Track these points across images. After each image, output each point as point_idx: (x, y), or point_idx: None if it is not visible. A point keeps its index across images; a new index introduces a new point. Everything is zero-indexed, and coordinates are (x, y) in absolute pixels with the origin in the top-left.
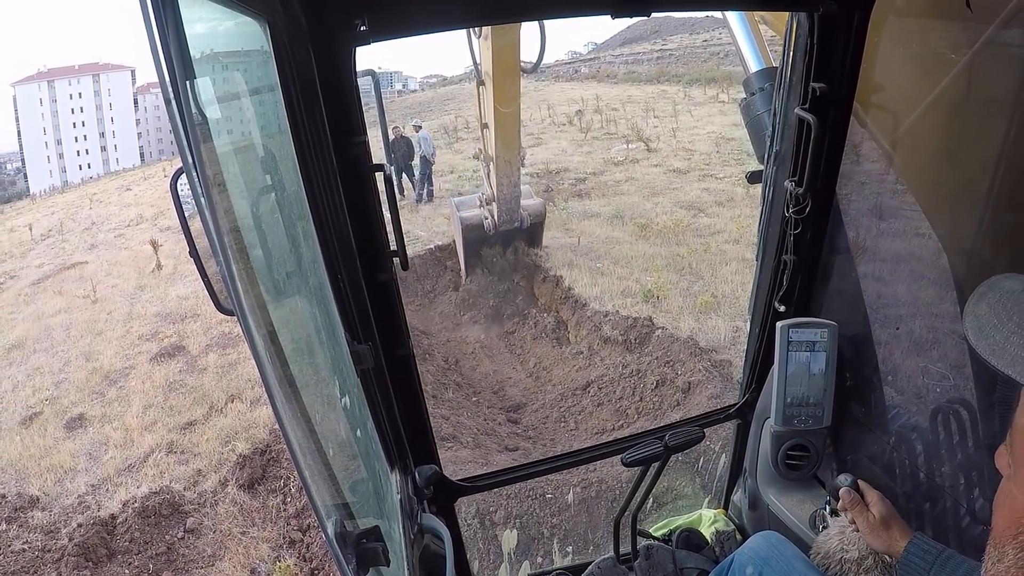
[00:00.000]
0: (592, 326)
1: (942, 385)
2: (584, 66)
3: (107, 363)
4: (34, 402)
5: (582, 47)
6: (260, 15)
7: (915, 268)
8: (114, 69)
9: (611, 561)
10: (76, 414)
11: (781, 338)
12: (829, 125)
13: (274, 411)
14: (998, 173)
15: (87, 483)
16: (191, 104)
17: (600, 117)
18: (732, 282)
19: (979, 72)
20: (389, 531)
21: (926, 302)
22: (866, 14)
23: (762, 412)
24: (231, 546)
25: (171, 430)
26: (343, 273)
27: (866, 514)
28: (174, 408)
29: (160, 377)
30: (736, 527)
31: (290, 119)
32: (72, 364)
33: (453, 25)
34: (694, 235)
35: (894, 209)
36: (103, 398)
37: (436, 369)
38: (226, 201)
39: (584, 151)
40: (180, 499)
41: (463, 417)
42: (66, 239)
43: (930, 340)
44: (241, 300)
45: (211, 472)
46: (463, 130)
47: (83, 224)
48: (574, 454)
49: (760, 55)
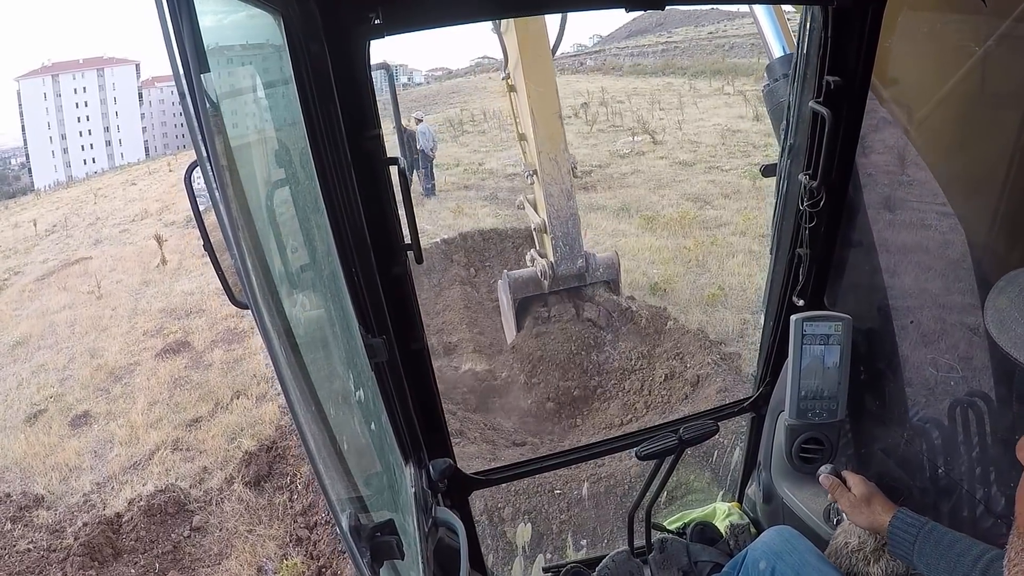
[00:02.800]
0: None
1: (956, 378)
2: (589, 59)
3: (112, 360)
4: (39, 399)
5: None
6: (274, 9)
7: (929, 261)
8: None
9: (625, 554)
10: (81, 411)
11: (795, 331)
12: (843, 118)
13: (288, 404)
14: (1013, 166)
15: (92, 481)
16: (205, 97)
17: (606, 110)
18: (739, 274)
19: (994, 65)
20: (403, 524)
21: (940, 295)
22: (880, 7)
23: (776, 405)
24: (238, 544)
25: (176, 427)
26: (357, 266)
27: (847, 494)
28: (179, 405)
29: (165, 373)
30: (750, 520)
31: (304, 113)
32: (77, 361)
33: (468, 18)
34: (700, 227)
35: (908, 202)
36: (108, 395)
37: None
38: (240, 194)
39: (590, 144)
40: (186, 497)
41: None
42: (70, 234)
43: (945, 333)
44: (255, 293)
45: (217, 469)
46: (468, 123)
47: (87, 219)
48: (589, 447)
49: (784, 40)
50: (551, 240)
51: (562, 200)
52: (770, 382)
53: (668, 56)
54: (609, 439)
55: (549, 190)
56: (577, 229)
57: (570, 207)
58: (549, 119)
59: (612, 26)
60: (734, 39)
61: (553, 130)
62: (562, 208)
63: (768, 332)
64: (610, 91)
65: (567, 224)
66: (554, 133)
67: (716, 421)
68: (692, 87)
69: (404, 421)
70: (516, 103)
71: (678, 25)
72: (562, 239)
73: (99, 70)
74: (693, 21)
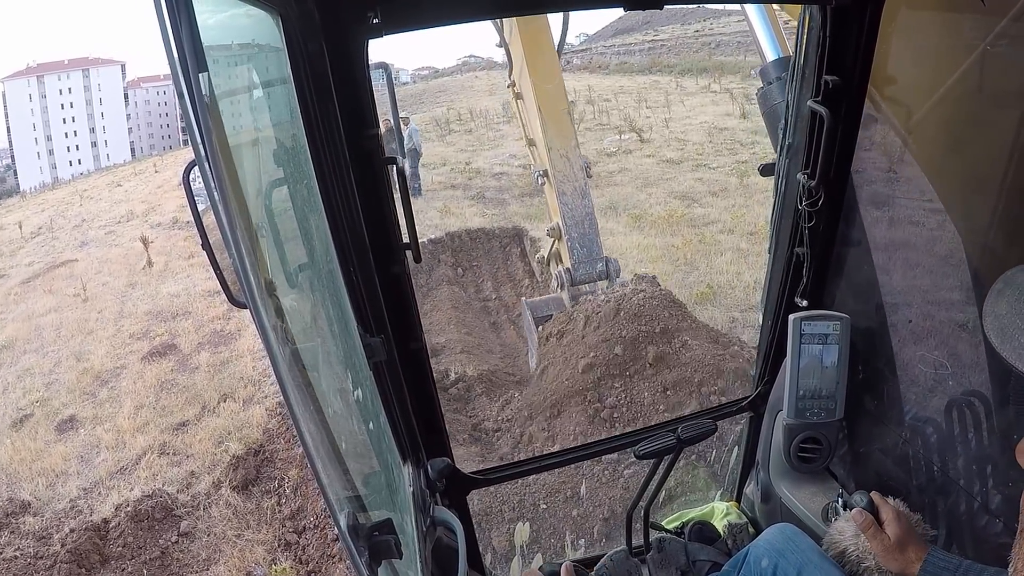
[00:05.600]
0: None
1: (954, 377)
2: (576, 57)
3: (98, 363)
4: (24, 404)
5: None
6: (272, 8)
7: (927, 260)
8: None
9: (623, 554)
10: (67, 416)
11: (794, 331)
12: (842, 117)
13: (287, 403)
14: (1012, 164)
15: (79, 487)
16: (203, 97)
17: (592, 108)
18: (727, 272)
19: (992, 65)
20: (402, 524)
21: (938, 295)
22: (879, 6)
23: (775, 405)
24: (226, 549)
25: (163, 431)
26: (356, 266)
27: (881, 537)
28: (166, 408)
29: (152, 377)
30: (748, 520)
31: (303, 112)
32: (63, 364)
33: (466, 17)
34: (688, 225)
35: (907, 202)
36: (94, 399)
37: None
38: (239, 194)
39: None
40: (173, 502)
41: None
42: (56, 236)
43: (942, 332)
44: (254, 293)
45: (204, 474)
46: (455, 122)
47: (73, 221)
48: (587, 447)
49: (777, 43)
50: (567, 243)
51: (576, 199)
52: (768, 381)
53: (655, 54)
54: (608, 439)
55: (562, 189)
56: (595, 230)
57: (585, 206)
58: (559, 116)
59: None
60: (720, 37)
61: (563, 127)
62: (577, 208)
63: (767, 331)
64: (597, 89)
65: (583, 224)
66: (564, 130)
67: (714, 420)
68: (679, 85)
69: (402, 421)
70: (522, 110)
71: (665, 23)
72: (579, 240)
73: (85, 70)
74: (679, 19)
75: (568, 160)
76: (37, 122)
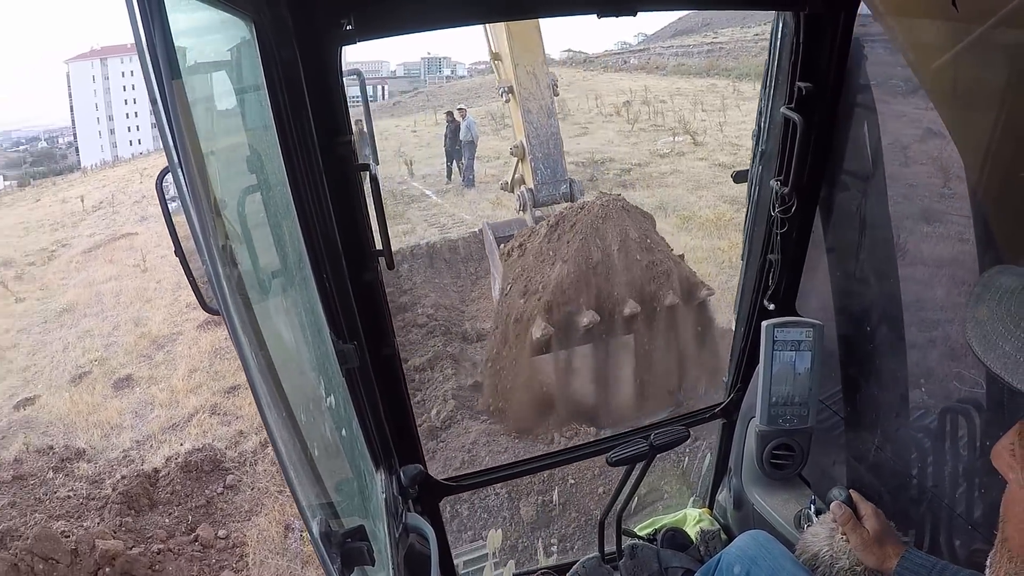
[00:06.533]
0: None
1: (927, 384)
2: (633, 57)
3: (155, 328)
4: (84, 362)
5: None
6: (246, 14)
7: (901, 267)
8: None
9: (596, 560)
10: (124, 375)
11: (766, 337)
12: (815, 124)
13: (259, 410)
14: (985, 167)
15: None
16: (176, 103)
17: (648, 109)
18: None
19: (965, 71)
20: (374, 530)
21: (911, 301)
22: (852, 13)
23: (747, 411)
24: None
25: (215, 393)
26: (328, 272)
27: (859, 530)
28: (219, 373)
29: (206, 343)
30: (721, 526)
31: (275, 118)
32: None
33: (440, 24)
34: (736, 230)
35: (879, 208)
36: (151, 361)
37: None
38: (211, 200)
39: (630, 142)
40: (221, 457)
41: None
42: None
43: (916, 338)
44: (227, 299)
45: (252, 434)
46: (509, 117)
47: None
48: (559, 453)
49: None
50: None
51: (542, 118)
52: (741, 388)
53: (713, 57)
54: (580, 445)
55: (527, 107)
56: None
57: (551, 125)
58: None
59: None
60: None
61: (530, 41)
62: (542, 127)
63: (739, 338)
64: (653, 90)
65: (548, 144)
66: (531, 44)
67: (687, 427)
68: (736, 89)
69: (375, 427)
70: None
71: (724, 25)
72: (543, 161)
73: None
74: (740, 22)
75: (535, 77)
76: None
